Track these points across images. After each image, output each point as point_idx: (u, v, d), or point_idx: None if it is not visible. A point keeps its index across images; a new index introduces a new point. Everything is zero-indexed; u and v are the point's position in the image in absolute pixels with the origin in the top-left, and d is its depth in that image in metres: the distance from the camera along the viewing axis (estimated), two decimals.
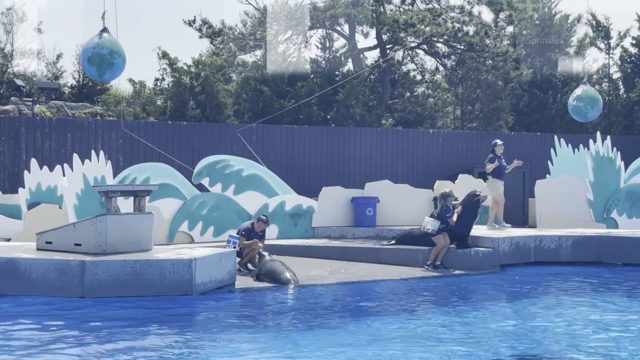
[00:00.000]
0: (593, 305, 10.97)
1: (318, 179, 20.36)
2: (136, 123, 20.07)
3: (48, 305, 10.07)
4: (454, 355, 7.86)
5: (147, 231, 11.81)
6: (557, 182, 17.59)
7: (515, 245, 14.38)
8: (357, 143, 21.45)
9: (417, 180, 20.47)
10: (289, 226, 16.77)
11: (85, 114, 23.79)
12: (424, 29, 25.04)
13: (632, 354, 7.94)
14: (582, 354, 7.95)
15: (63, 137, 18.64)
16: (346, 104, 23.41)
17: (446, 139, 22.46)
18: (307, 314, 10.17)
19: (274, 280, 12.02)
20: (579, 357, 7.87)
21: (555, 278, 13.36)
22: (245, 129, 20.02)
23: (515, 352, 8.04)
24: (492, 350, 8.14)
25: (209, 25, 26.21)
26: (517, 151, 22.85)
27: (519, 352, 8.07)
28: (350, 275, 13.04)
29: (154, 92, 25.95)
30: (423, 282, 12.80)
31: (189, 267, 10.78)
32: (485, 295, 12.14)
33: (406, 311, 10.50)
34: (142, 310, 10.00)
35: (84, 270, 10.52)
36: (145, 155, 18.80)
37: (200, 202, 16.07)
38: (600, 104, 18.12)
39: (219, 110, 22.95)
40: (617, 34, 28.70)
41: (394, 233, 15.74)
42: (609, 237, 14.95)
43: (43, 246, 11.57)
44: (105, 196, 11.79)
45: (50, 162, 17.01)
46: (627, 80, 28.09)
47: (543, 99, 26.35)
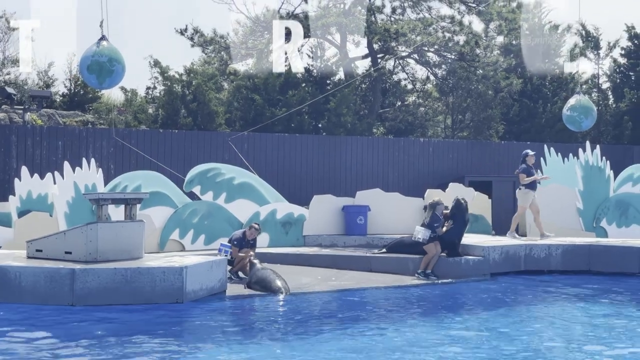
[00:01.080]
0: (582, 314, 11.00)
1: (309, 187, 20.37)
2: (127, 131, 20.06)
3: (38, 313, 10.05)
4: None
5: (138, 239, 11.80)
6: (547, 191, 17.65)
7: (505, 253, 14.43)
8: (348, 152, 21.49)
9: (408, 189, 20.51)
10: (280, 234, 16.78)
11: (76, 122, 23.78)
12: (414, 38, 25.14)
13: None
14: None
15: (54, 145, 18.61)
16: (337, 113, 23.47)
17: (437, 148, 22.52)
18: (298, 322, 10.17)
19: (265, 288, 12.03)
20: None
21: (545, 287, 13.40)
22: (236, 137, 20.04)
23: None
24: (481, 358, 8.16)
25: (201, 33, 26.27)
26: (507, 160, 22.95)
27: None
28: (341, 284, 13.05)
29: (146, 101, 25.97)
30: (414, 291, 12.82)
31: (179, 275, 10.79)
32: (475, 303, 12.17)
33: (397, 320, 10.51)
34: (133, 318, 9.98)
35: (74, 278, 10.50)
36: (136, 163, 18.78)
37: (191, 210, 16.07)
38: (594, 113, 18.23)
39: (210, 118, 22.98)
40: (607, 45, 28.92)
41: (385, 241, 15.77)
42: (599, 246, 15.01)
43: (33, 254, 11.55)
44: (96, 204, 11.79)
45: (41, 170, 16.98)
46: (616, 90, 28.28)
47: (533, 108, 26.49)
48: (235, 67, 26.44)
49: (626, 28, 28.23)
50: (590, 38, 28.70)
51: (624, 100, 27.47)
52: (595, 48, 28.59)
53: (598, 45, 28.68)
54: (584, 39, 28.67)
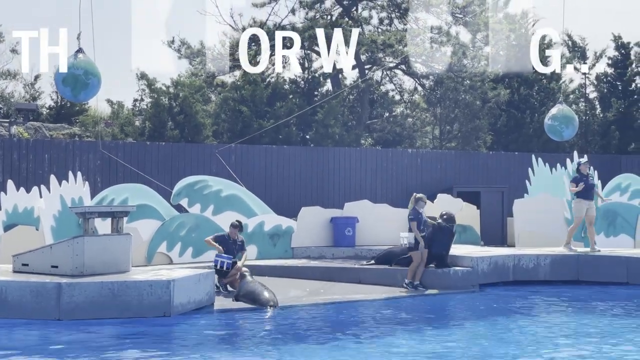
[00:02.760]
0: (571, 325, 10.99)
1: (297, 199, 20.33)
2: (114, 144, 19.98)
3: (24, 328, 9.96)
4: None
5: (125, 252, 11.73)
6: (535, 201, 17.67)
7: (494, 264, 14.41)
8: (336, 163, 21.47)
9: (396, 200, 20.47)
10: (268, 246, 16.72)
11: (63, 135, 23.68)
12: (402, 49, 25.19)
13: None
14: None
15: (40, 158, 18.51)
16: (325, 124, 23.46)
17: (425, 159, 22.54)
18: (286, 335, 10.12)
19: (253, 301, 11.95)
20: None
21: (534, 297, 13.39)
22: (224, 149, 19.98)
23: None
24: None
25: (188, 45, 26.24)
26: (495, 171, 22.98)
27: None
28: (329, 296, 13.00)
29: (133, 113, 25.91)
30: (402, 302, 12.79)
31: (167, 289, 10.71)
32: (464, 315, 12.15)
33: (385, 331, 10.47)
34: (120, 332, 9.91)
35: (60, 292, 10.41)
36: (123, 176, 18.70)
37: (178, 223, 15.99)
38: (575, 122, 18.21)
39: (197, 130, 22.92)
40: (593, 54, 29.05)
41: (374, 253, 15.73)
42: (587, 256, 15.02)
43: (19, 268, 11.46)
44: (83, 217, 11.71)
45: (27, 183, 16.87)
46: (603, 100, 28.39)
47: (520, 118, 26.57)
48: (222, 79, 26.42)
49: (613, 38, 28.39)
50: (576, 48, 28.84)
51: (611, 110, 27.59)
52: (581, 58, 28.72)
53: (584, 56, 28.82)
54: (570, 49, 28.81)
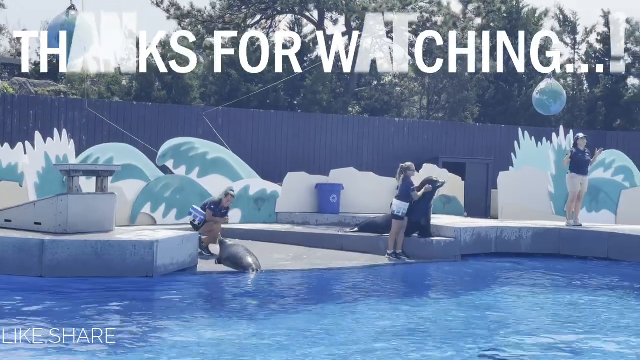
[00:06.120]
0: (550, 296, 11.11)
1: (283, 164, 20.33)
2: (100, 102, 19.86)
3: (5, 283, 9.95)
4: (410, 343, 7.92)
5: (109, 212, 11.71)
6: (520, 175, 17.75)
7: (476, 235, 14.49)
8: (323, 129, 21.45)
9: (382, 169, 20.52)
10: (252, 210, 16.75)
11: (48, 92, 23.48)
12: (392, 16, 25.03)
13: (584, 345, 8.07)
14: (537, 348, 8.06)
15: (25, 115, 18.38)
16: (313, 90, 23.39)
17: (412, 128, 22.55)
18: (267, 299, 10.16)
19: (236, 265, 11.98)
20: (531, 347, 7.98)
21: (515, 269, 13.50)
22: (211, 112, 19.91)
23: (472, 344, 8.12)
24: (448, 339, 8.21)
25: (177, 6, 26.00)
26: (481, 143, 23.04)
27: (476, 343, 8.15)
28: (312, 262, 13.06)
29: (119, 72, 25.66)
30: (383, 270, 12.87)
31: (150, 249, 10.72)
32: (444, 284, 12.25)
33: (364, 299, 10.53)
34: (102, 291, 9.92)
35: (43, 249, 10.41)
36: (109, 135, 18.62)
37: (163, 184, 15.97)
38: (563, 98, 18.25)
39: (185, 92, 22.79)
40: (584, 30, 29.03)
41: (357, 220, 15.79)
42: (569, 231, 15.13)
43: (2, 224, 11.43)
44: (67, 175, 11.66)
45: (11, 139, 16.77)
46: (591, 76, 28.43)
47: (509, 91, 26.59)
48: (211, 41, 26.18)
49: (602, 14, 28.35)
50: (567, 23, 28.80)
51: (599, 86, 27.65)
52: (572, 33, 28.70)
53: (575, 30, 28.79)
54: (561, 24, 28.77)
